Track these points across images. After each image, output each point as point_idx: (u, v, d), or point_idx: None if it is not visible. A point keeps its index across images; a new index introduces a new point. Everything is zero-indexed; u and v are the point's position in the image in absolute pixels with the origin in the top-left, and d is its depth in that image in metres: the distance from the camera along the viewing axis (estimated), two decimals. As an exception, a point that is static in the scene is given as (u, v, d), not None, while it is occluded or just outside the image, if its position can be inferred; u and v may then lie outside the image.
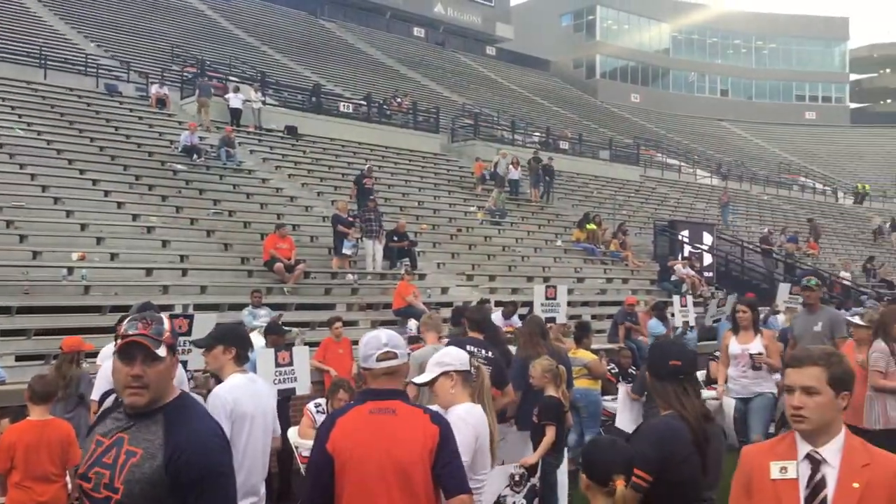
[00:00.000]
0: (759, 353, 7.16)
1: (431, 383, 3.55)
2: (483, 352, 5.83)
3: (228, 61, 28.01)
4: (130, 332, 2.44)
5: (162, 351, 2.44)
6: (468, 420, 3.41)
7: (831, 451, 2.47)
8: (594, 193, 28.82)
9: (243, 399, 3.84)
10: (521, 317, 11.37)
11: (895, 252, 33.83)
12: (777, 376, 7.30)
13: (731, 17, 62.22)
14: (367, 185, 17.70)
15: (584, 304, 17.67)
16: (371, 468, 2.88)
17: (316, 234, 16.98)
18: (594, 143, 35.48)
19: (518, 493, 5.08)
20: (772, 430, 7.36)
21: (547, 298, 12.31)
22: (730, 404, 7.05)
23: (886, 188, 46.47)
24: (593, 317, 16.73)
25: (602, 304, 17.97)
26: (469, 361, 3.65)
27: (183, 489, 2.35)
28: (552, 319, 11.72)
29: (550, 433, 5.52)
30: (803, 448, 2.50)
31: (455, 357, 3.62)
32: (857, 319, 6.83)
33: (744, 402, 7.25)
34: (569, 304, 12.93)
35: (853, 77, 67.75)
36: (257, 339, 8.34)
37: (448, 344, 6.17)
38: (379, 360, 3.03)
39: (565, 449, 6.13)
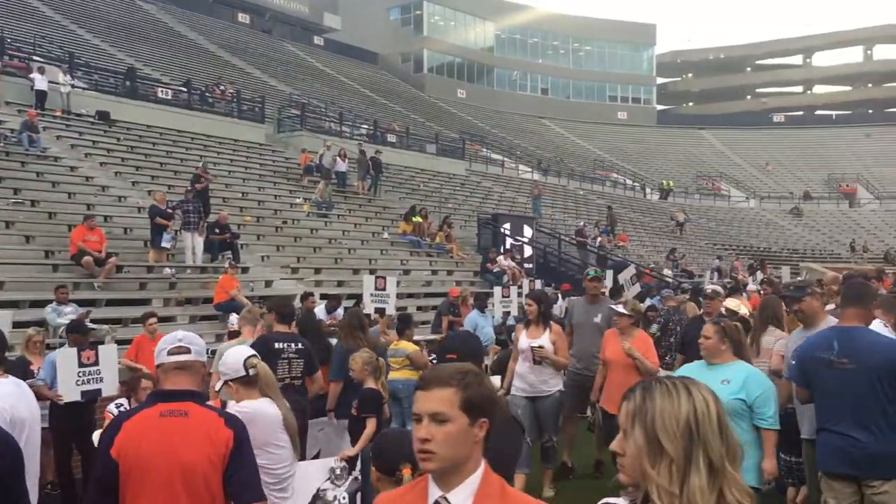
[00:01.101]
0: (540, 347, 6.63)
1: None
2: (292, 345, 5.80)
3: (33, 40, 25.93)
4: None
5: None
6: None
7: (462, 495, 1.96)
8: (421, 187, 29.23)
9: (19, 405, 3.58)
10: (346, 310, 11.37)
11: (694, 244, 36.77)
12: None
13: (551, 19, 64.91)
14: (199, 186, 16.93)
15: (410, 295, 17.90)
16: (158, 475, 2.72)
17: (130, 226, 16.12)
18: (421, 136, 35.95)
19: (339, 486, 5.07)
20: None
21: (377, 289, 12.40)
22: (512, 402, 6.50)
23: (688, 185, 50.32)
24: (419, 308, 17.01)
25: (427, 295, 18.29)
26: (244, 364, 3.70)
27: None
28: (382, 310, 11.82)
29: (371, 425, 5.55)
30: (433, 493, 1.99)
31: (229, 366, 3.68)
32: (620, 308, 6.95)
33: (531, 401, 6.82)
34: (395, 295, 13.08)
35: (660, 80, 72.64)
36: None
37: (256, 340, 6.08)
38: (170, 353, 2.91)
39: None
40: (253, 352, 3.91)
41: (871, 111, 69.69)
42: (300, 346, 6.00)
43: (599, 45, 66.87)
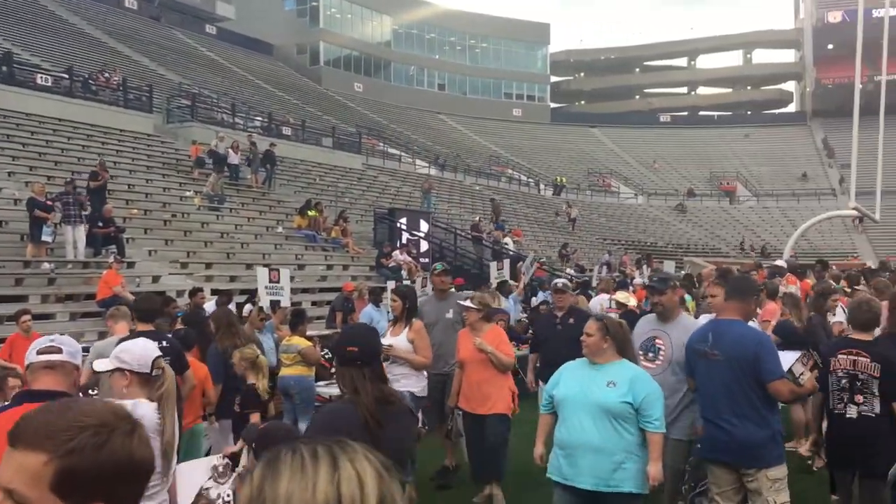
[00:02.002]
0: (389, 346, 6.31)
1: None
2: (157, 344, 5.63)
3: None
4: None
5: None
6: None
7: None
8: (317, 181, 28.91)
9: None
10: (239, 305, 11.14)
11: (586, 239, 37.80)
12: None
13: (448, 15, 65.31)
14: (95, 184, 16.19)
15: (305, 290, 17.70)
16: None
17: (6, 220, 15.29)
18: (317, 130, 35.53)
19: (222, 484, 4.97)
20: None
21: (271, 281, 12.20)
22: None
23: (580, 181, 51.68)
24: (314, 303, 16.86)
25: (322, 290, 18.13)
26: (151, 365, 3.43)
27: None
28: (276, 303, 11.63)
29: (254, 420, 5.48)
30: None
31: (135, 357, 3.40)
32: (468, 303, 6.55)
33: None
34: (290, 289, 12.91)
35: (553, 79, 74.28)
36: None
37: (119, 340, 5.88)
38: (40, 352, 2.79)
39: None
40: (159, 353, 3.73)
41: (749, 112, 73.41)
42: (165, 344, 5.83)
43: (495, 43, 67.77)
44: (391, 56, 62.14)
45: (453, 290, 8.34)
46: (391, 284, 14.81)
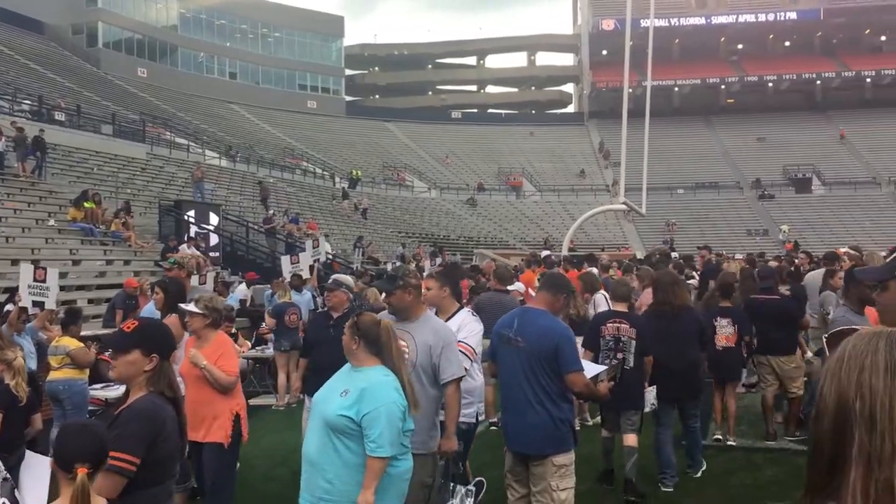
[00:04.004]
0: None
1: None
2: None
3: None
4: None
5: None
6: None
7: None
8: (94, 170, 27.09)
9: None
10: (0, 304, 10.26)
11: (381, 232, 38.27)
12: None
13: (239, 2, 63.17)
14: None
15: (81, 288, 16.55)
16: None
17: None
18: (95, 116, 33.27)
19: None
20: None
21: (36, 280, 11.27)
22: None
23: (375, 175, 52.17)
24: (90, 301, 15.83)
25: (101, 287, 17.04)
26: None
27: None
28: (41, 304, 10.79)
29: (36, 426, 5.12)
30: None
31: None
32: (192, 307, 5.53)
33: None
34: (62, 288, 12.05)
35: (348, 72, 74.27)
36: None
37: None
38: None
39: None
40: None
41: (534, 111, 77.48)
42: None
43: (289, 33, 66.66)
44: (178, 41, 59.27)
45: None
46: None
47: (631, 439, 6.56)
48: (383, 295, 5.40)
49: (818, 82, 67.16)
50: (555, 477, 4.64)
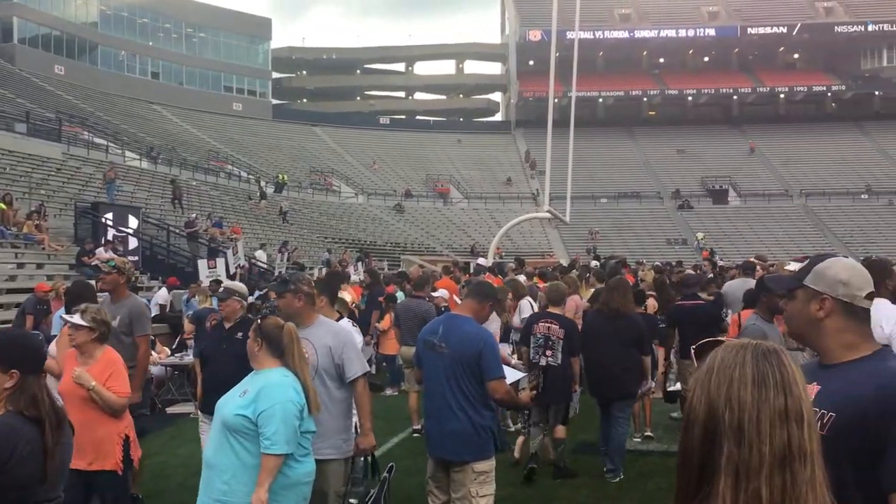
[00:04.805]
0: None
1: None
2: None
3: None
4: None
5: None
6: None
7: None
8: (7, 170, 26.06)
9: None
10: None
11: (306, 237, 37.89)
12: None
13: (162, 0, 61.82)
14: None
15: (-10, 292, 15.92)
16: None
17: None
18: (8, 114, 32.05)
19: None
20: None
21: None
22: None
23: (302, 179, 51.64)
24: (0, 306, 15.23)
25: (11, 291, 16.41)
26: None
27: None
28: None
29: None
30: None
31: None
32: (77, 318, 4.87)
33: None
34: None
35: (275, 75, 73.37)
36: None
37: None
38: None
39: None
40: None
41: (462, 119, 77.98)
42: None
43: (214, 33, 65.46)
44: (98, 38, 57.50)
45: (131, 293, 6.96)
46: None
47: (560, 431, 7.27)
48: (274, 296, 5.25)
49: (735, 97, 69.62)
50: (475, 483, 4.64)
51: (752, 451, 1.37)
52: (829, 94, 68.55)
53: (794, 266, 6.80)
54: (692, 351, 1.69)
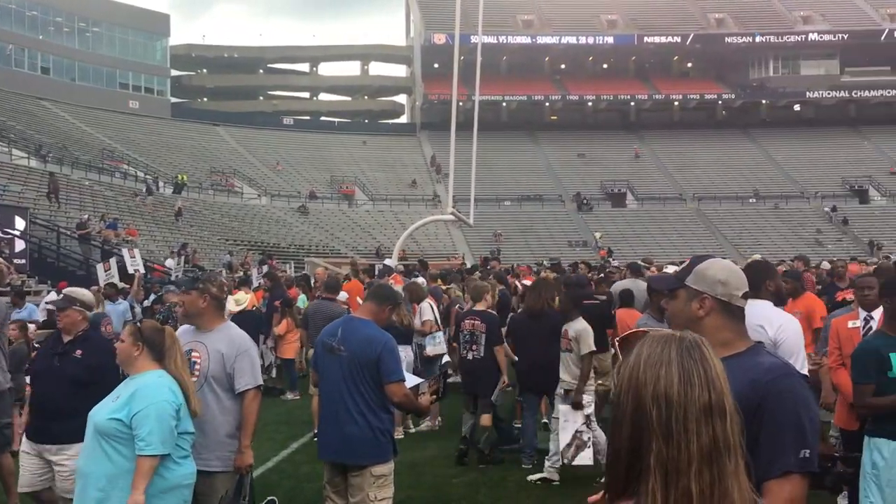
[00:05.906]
0: None
1: None
2: None
3: None
4: None
5: None
6: None
7: None
8: None
9: None
10: None
11: (207, 239, 36.99)
12: None
13: (53, -8, 59.14)
14: None
15: None
16: None
17: None
18: None
19: None
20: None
21: None
22: None
23: (202, 180, 50.37)
24: None
25: None
26: None
27: None
28: None
29: None
30: None
31: None
32: None
33: None
34: None
35: (174, 73, 71.23)
36: None
37: None
38: None
39: None
40: None
41: (367, 121, 77.71)
42: None
43: (109, 29, 63.03)
44: (-18, 31, 54.57)
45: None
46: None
47: (485, 419, 7.94)
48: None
49: (632, 104, 71.80)
50: (373, 487, 4.62)
51: (680, 449, 1.38)
52: (720, 101, 71.55)
53: (671, 269, 7.15)
54: (617, 343, 1.75)
